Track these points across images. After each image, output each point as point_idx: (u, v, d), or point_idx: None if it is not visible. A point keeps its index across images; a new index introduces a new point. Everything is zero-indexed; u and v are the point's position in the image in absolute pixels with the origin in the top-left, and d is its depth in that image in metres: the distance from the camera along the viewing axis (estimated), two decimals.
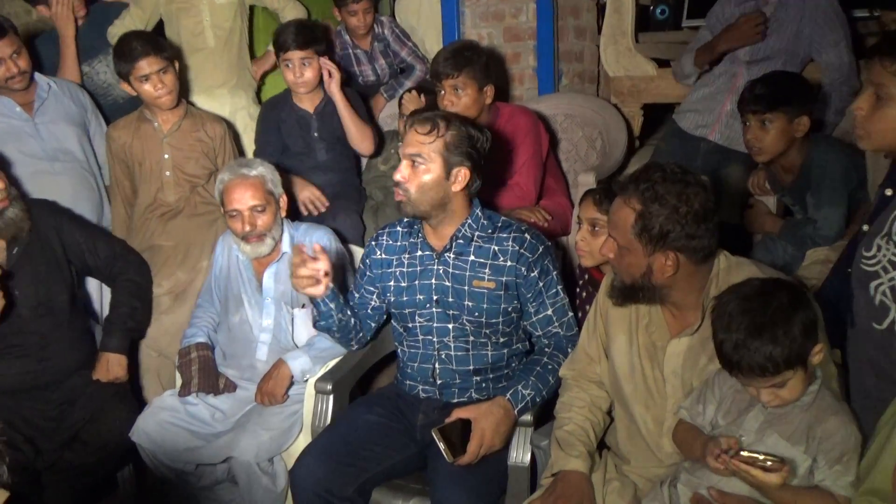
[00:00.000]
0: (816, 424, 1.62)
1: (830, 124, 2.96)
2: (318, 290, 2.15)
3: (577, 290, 2.51)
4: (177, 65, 2.99)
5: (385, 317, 2.40)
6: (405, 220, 2.31)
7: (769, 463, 1.54)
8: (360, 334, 2.37)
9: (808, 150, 2.58)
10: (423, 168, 2.09)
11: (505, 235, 2.17)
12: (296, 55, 3.04)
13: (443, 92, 2.81)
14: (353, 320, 2.30)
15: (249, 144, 3.44)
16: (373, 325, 2.39)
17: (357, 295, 2.37)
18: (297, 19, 3.33)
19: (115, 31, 3.40)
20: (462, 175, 2.11)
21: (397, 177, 2.11)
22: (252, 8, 3.71)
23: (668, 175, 1.73)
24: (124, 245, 2.94)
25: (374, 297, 2.34)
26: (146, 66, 2.86)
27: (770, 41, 2.98)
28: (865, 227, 1.81)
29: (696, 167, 3.11)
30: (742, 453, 1.57)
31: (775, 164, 2.68)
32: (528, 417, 2.13)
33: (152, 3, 3.51)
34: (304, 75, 3.07)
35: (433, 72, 2.85)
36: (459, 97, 2.78)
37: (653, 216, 1.72)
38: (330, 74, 3.05)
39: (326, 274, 2.12)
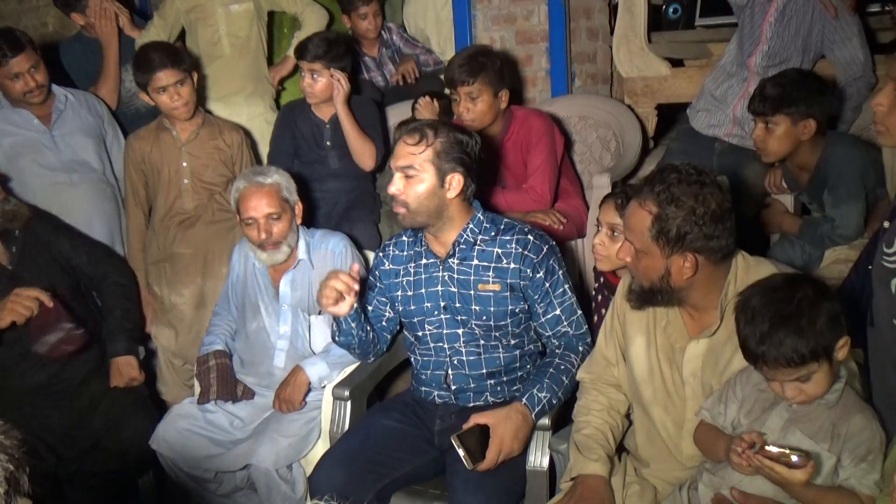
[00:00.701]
0: (841, 422, 1.60)
1: (847, 121, 2.93)
2: (343, 310, 2.15)
3: (593, 293, 2.50)
4: (195, 76, 3.02)
5: (399, 326, 2.40)
6: (410, 229, 2.31)
7: (794, 458, 1.51)
8: (378, 346, 2.38)
9: (824, 147, 2.55)
10: (417, 179, 2.08)
11: (508, 238, 2.16)
12: (305, 66, 3.06)
13: (458, 99, 2.81)
14: (371, 334, 2.31)
15: (266, 151, 3.45)
16: (388, 336, 2.40)
17: (370, 308, 2.37)
18: (322, 32, 3.34)
19: (141, 42, 3.43)
20: (456, 181, 2.10)
21: (392, 190, 2.11)
22: (271, 15, 3.73)
23: (684, 176, 1.72)
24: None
25: (388, 308, 2.34)
26: (163, 77, 2.89)
27: (783, 42, 2.95)
28: (886, 224, 1.79)
29: (710, 167, 3.11)
30: (767, 448, 1.54)
31: (791, 162, 2.66)
32: (545, 421, 2.12)
33: (174, 14, 3.54)
34: (312, 86, 3.10)
35: (448, 79, 2.85)
36: (475, 104, 2.78)
37: (669, 218, 1.70)
38: (339, 88, 3.04)
39: (354, 292, 2.12)
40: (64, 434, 2.63)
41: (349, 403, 2.38)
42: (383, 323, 2.36)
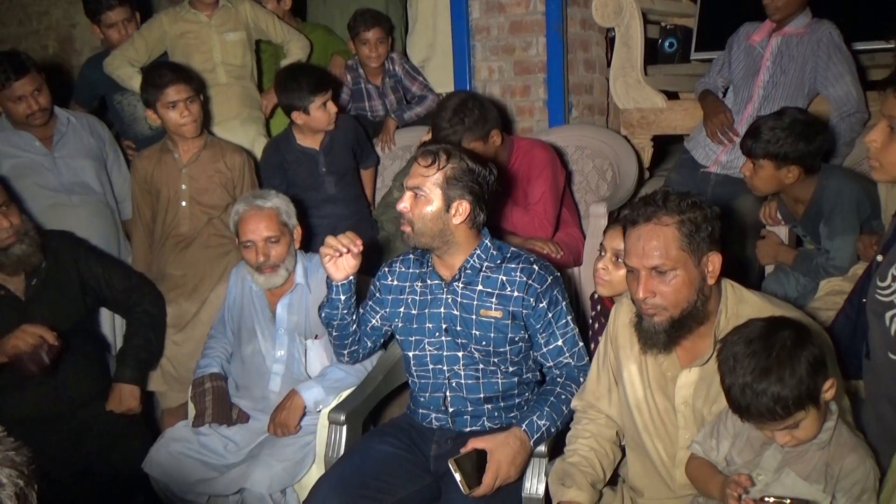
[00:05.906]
0: (834, 462, 1.60)
1: (841, 155, 2.96)
2: (338, 274, 2.20)
3: (590, 320, 2.51)
4: (202, 96, 3.07)
5: (382, 341, 2.42)
6: (417, 249, 2.33)
7: None
8: (356, 347, 2.39)
9: (819, 180, 2.59)
10: (424, 200, 2.11)
11: (513, 266, 2.18)
12: (319, 98, 3.10)
13: None
14: (353, 327, 2.33)
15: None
16: (368, 343, 2.40)
17: (361, 311, 2.38)
18: (301, 67, 3.38)
19: (110, 60, 3.43)
20: (462, 208, 2.12)
21: (401, 207, 2.13)
22: (258, 42, 3.76)
23: (666, 196, 1.76)
24: (140, 276, 2.96)
25: (377, 317, 2.35)
26: (174, 93, 2.93)
27: (774, 96, 3.01)
28: (879, 258, 1.82)
29: (706, 198, 3.14)
30: (767, 499, 1.53)
31: (786, 195, 2.69)
32: (542, 448, 2.12)
33: (157, 36, 3.51)
34: (330, 113, 3.15)
35: (435, 138, 2.85)
36: None
37: (694, 220, 1.73)
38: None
39: (350, 255, 2.17)
40: (56, 457, 2.61)
41: (345, 428, 2.37)
42: (368, 329, 2.38)
